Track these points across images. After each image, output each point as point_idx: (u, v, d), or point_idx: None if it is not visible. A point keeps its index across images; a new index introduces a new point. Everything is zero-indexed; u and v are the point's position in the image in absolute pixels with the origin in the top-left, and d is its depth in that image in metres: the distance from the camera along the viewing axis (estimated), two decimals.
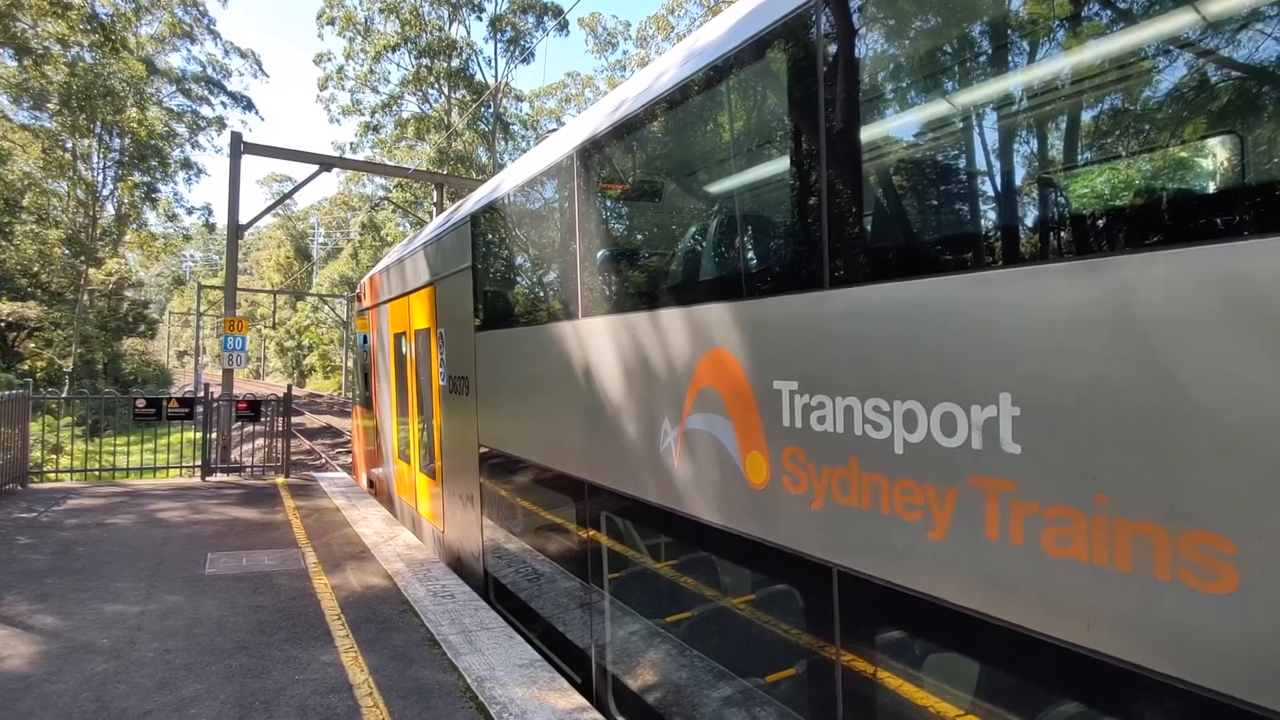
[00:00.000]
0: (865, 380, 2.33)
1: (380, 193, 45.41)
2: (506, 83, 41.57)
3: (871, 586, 2.33)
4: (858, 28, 2.47)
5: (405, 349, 8.34)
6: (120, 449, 12.40)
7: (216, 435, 11.61)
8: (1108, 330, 1.71)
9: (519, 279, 5.66)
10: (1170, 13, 1.75)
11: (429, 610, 5.39)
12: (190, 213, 41.40)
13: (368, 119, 40.57)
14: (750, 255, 3.21)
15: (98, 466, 11.59)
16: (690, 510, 3.23)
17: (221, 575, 6.18)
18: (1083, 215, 1.95)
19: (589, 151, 4.12)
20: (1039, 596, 1.84)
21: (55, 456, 15.31)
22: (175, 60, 39.62)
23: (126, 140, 33.10)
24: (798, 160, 2.67)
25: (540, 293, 5.11)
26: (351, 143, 41.98)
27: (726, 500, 3.00)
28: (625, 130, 3.85)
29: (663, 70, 3.61)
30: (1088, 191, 1.97)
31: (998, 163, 2.24)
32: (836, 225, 2.45)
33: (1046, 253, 1.95)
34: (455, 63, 39.55)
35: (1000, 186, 2.23)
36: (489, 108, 39.90)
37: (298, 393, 50.91)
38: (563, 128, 5.35)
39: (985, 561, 1.97)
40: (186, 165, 38.27)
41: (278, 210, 62.29)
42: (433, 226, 8.02)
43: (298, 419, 29.11)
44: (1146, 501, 1.63)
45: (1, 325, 26.13)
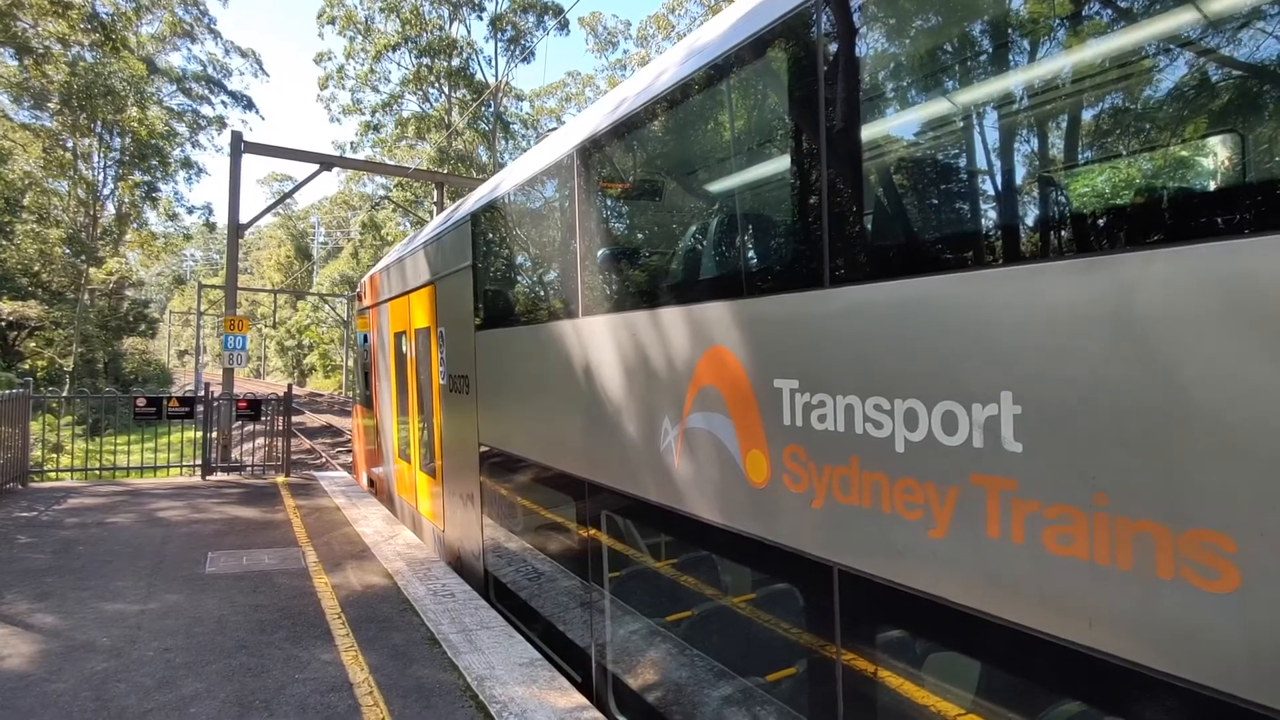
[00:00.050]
0: (866, 379, 2.33)
1: (381, 192, 45.37)
2: (507, 82, 41.59)
3: (872, 585, 2.32)
4: (858, 26, 2.47)
5: (406, 348, 8.34)
6: (121, 448, 12.41)
7: (217, 434, 11.61)
8: (1109, 328, 1.71)
9: (519, 278, 5.65)
10: (1170, 11, 1.75)
11: (429, 609, 5.39)
12: (191, 212, 41.49)
13: (368, 118, 40.59)
14: (751, 254, 3.20)
15: (98, 465, 11.60)
16: (691, 509, 3.23)
17: (222, 574, 6.18)
18: (1083, 214, 1.95)
19: (589, 150, 4.11)
20: (1040, 595, 1.84)
21: (56, 455, 15.33)
22: (176, 59, 39.71)
23: (127, 139, 33.11)
24: (798, 159, 2.66)
25: (540, 291, 5.10)
26: (352, 142, 42.03)
27: (727, 499, 3.00)
28: (626, 129, 3.85)
29: (663, 69, 3.61)
30: (1088, 190, 1.96)
31: (998, 161, 2.23)
32: (837, 224, 2.45)
33: (1047, 251, 1.95)
34: (455, 62, 39.55)
35: (1000, 185, 2.23)
36: (489, 107, 39.90)
37: (298, 392, 50.95)
38: (563, 127, 5.34)
39: (986, 560, 1.97)
40: (187, 164, 38.31)
41: (278, 209, 62.32)
42: (433, 225, 8.01)
43: (298, 418, 29.12)
44: (1148, 500, 1.63)
45: (2, 324, 26.14)
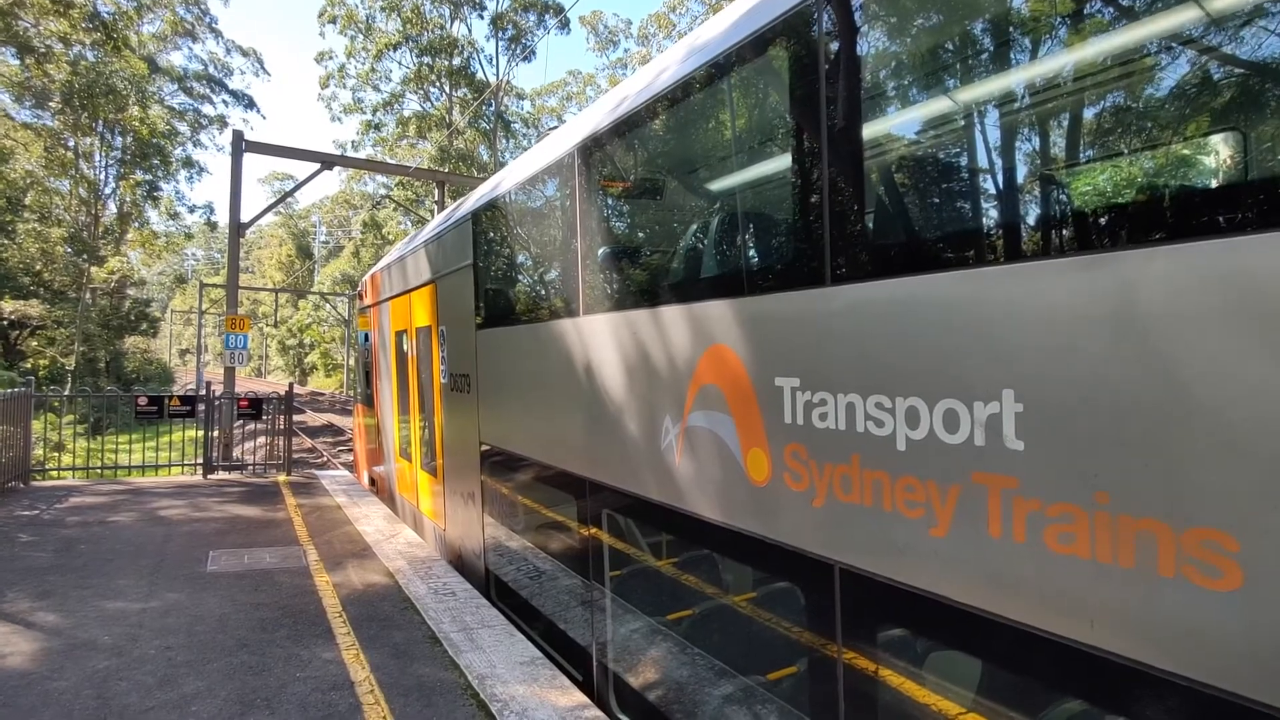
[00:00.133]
0: (867, 377, 2.32)
1: (382, 191, 45.38)
2: (508, 81, 41.59)
3: (873, 584, 2.32)
4: (859, 24, 2.46)
5: (407, 347, 8.33)
6: (122, 447, 12.45)
7: (218, 433, 11.63)
8: (1110, 326, 1.71)
9: (520, 276, 5.65)
10: (1171, 9, 1.74)
11: (430, 608, 5.39)
12: (192, 211, 41.56)
13: (369, 117, 40.61)
14: (752, 252, 3.20)
15: (100, 464, 11.62)
16: (691, 508, 3.22)
17: (223, 573, 6.18)
18: (1084, 212, 1.94)
19: (590, 149, 4.11)
20: (1041, 594, 1.84)
21: (57, 454, 15.31)
22: (177, 59, 39.66)
23: (128, 138, 33.16)
24: (799, 157, 2.66)
25: (541, 290, 5.10)
26: (353, 141, 42.07)
27: (728, 497, 2.99)
28: (626, 127, 3.84)
29: (664, 67, 3.60)
30: (1089, 188, 1.96)
31: (999, 159, 2.23)
32: (838, 222, 2.44)
33: (1049, 249, 1.95)
34: (456, 61, 39.55)
35: (1002, 183, 2.22)
36: (490, 106, 39.90)
37: (299, 391, 50.98)
38: (564, 125, 5.34)
39: (988, 559, 1.97)
40: (188, 164, 38.39)
41: (279, 208, 62.32)
42: (434, 224, 8.01)
43: (299, 417, 29.15)
44: (1149, 498, 1.63)
45: (4, 323, 26.18)
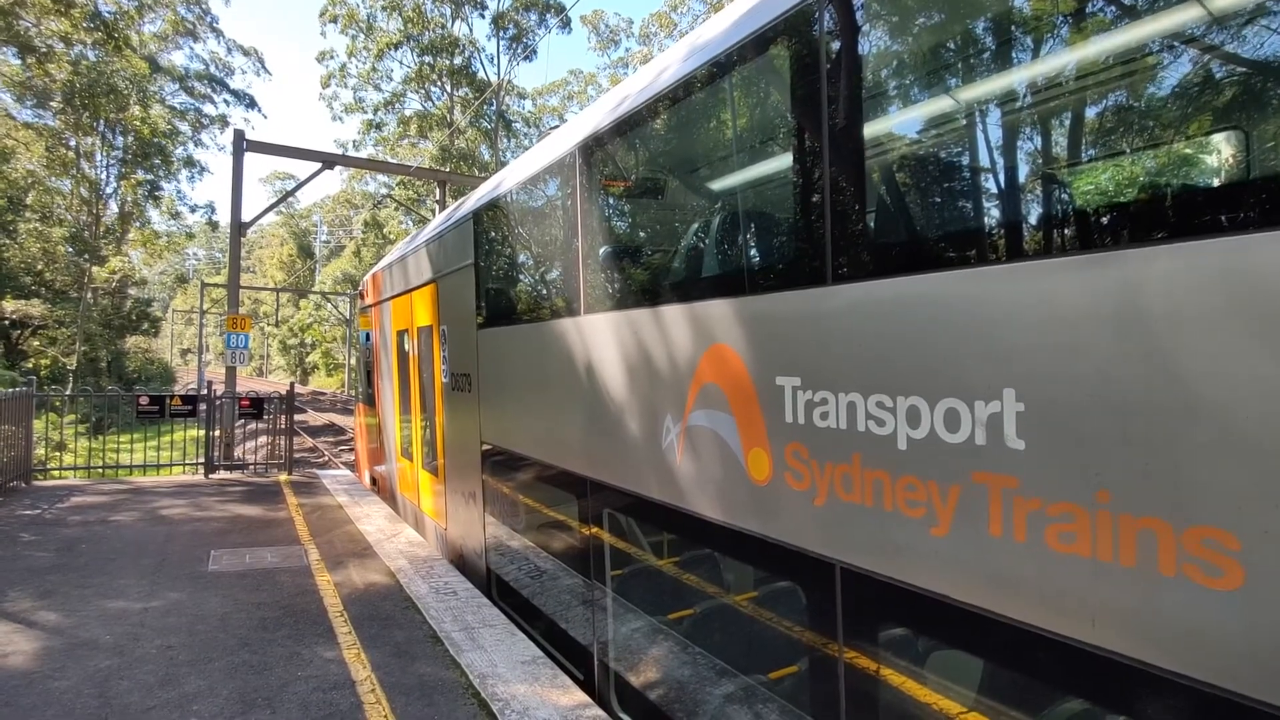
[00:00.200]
0: (868, 376, 2.32)
1: (383, 190, 45.38)
2: (509, 80, 41.57)
3: (874, 583, 2.32)
4: (861, 23, 2.46)
5: (408, 346, 8.34)
6: (124, 446, 12.45)
7: (220, 433, 11.64)
8: (1111, 325, 1.71)
9: (521, 276, 5.65)
10: (1173, 8, 1.74)
11: (431, 607, 5.39)
12: (193, 210, 41.55)
13: (370, 117, 40.57)
14: (753, 251, 3.20)
15: (101, 464, 11.63)
16: (692, 507, 3.22)
17: (224, 572, 6.19)
18: (1085, 210, 1.94)
19: (591, 148, 4.11)
20: (1042, 593, 1.84)
21: (59, 454, 15.35)
22: (178, 58, 39.70)
23: (130, 138, 33.14)
24: (800, 156, 2.65)
25: (543, 290, 5.10)
26: (354, 140, 42.02)
27: (729, 497, 2.99)
28: (628, 126, 3.84)
29: (665, 66, 3.60)
30: (1091, 187, 1.95)
31: (1000, 158, 2.23)
32: (839, 221, 2.44)
33: (1050, 248, 1.94)
34: (458, 60, 39.52)
35: (1003, 182, 2.22)
36: (492, 105, 39.89)
37: (300, 390, 51.03)
38: (565, 124, 5.34)
39: (988, 558, 1.97)
40: (189, 163, 38.39)
41: (280, 208, 62.37)
42: (435, 224, 8.01)
43: (300, 416, 29.16)
44: (1150, 497, 1.62)
45: (6, 323, 26.21)
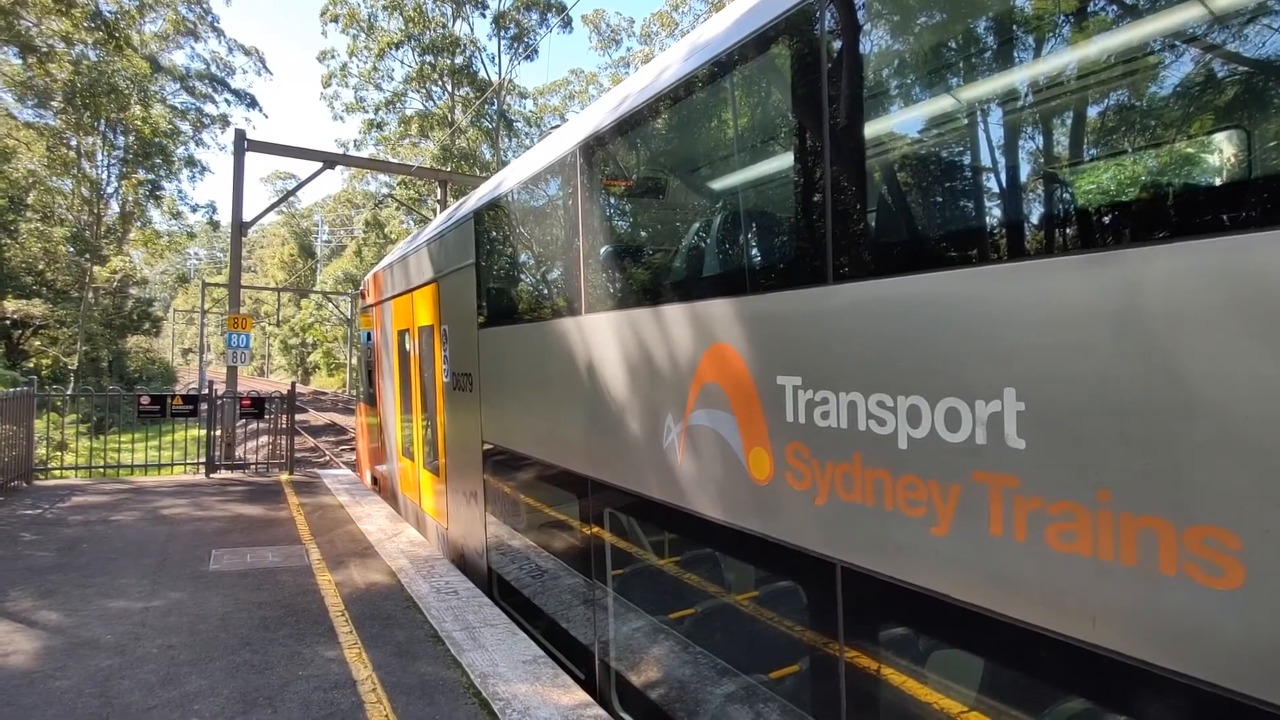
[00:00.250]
0: (869, 376, 2.32)
1: (384, 190, 45.39)
2: (510, 79, 41.57)
3: (875, 583, 2.32)
4: (862, 22, 2.46)
5: (409, 346, 8.34)
6: (125, 446, 12.48)
7: (221, 432, 11.65)
8: (1112, 324, 1.70)
9: (522, 275, 5.65)
10: (1175, 7, 1.74)
11: (432, 606, 5.40)
12: (194, 210, 41.59)
13: (371, 116, 40.58)
14: (754, 251, 3.20)
15: (102, 463, 11.65)
16: (693, 506, 3.22)
17: (225, 572, 6.20)
18: (1086, 210, 1.94)
19: (592, 147, 4.11)
20: (1043, 592, 1.84)
21: (60, 454, 15.35)
22: (179, 58, 39.80)
23: (131, 138, 33.15)
24: (802, 155, 2.65)
25: (544, 289, 5.10)
26: (355, 140, 42.05)
27: (730, 496, 2.99)
28: (629, 126, 3.84)
29: (666, 66, 3.60)
30: (1092, 186, 1.95)
31: (1001, 158, 2.23)
32: (840, 220, 2.44)
33: (1051, 247, 1.94)
34: (459, 60, 39.52)
35: (1004, 181, 2.22)
36: (493, 105, 39.89)
37: (302, 390, 51.04)
38: (566, 124, 5.34)
39: (989, 557, 1.97)
40: (190, 163, 38.40)
41: (281, 208, 62.38)
42: (436, 223, 8.01)
43: (302, 416, 29.19)
44: (1151, 497, 1.62)
45: (7, 323, 26.22)
